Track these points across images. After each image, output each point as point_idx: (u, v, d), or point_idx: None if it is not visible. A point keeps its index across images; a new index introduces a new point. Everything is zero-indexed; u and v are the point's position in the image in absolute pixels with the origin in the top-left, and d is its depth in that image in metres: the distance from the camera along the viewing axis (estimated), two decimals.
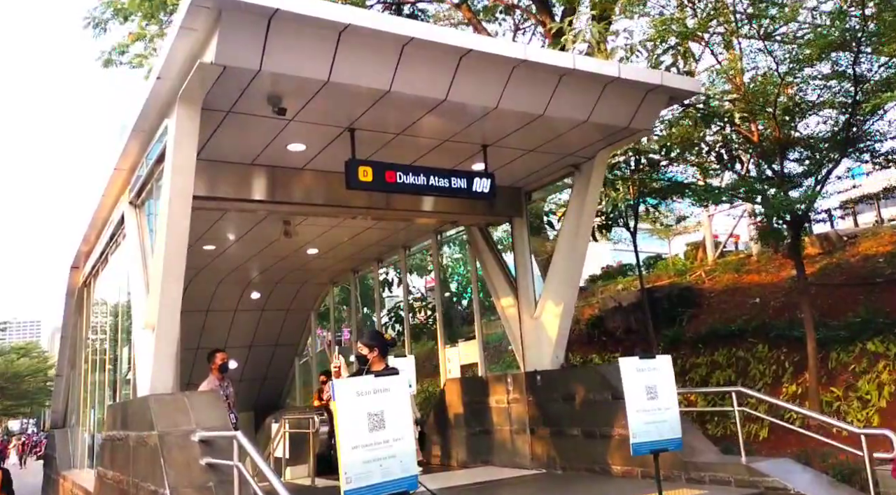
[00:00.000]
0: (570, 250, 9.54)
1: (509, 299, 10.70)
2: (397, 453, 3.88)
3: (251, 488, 5.08)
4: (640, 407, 4.57)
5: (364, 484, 3.73)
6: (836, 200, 10.06)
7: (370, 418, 3.83)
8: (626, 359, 4.66)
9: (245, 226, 11.49)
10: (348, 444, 3.71)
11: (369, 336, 5.20)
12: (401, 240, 13.64)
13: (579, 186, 9.51)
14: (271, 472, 4.40)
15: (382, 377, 3.93)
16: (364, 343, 5.08)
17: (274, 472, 4.40)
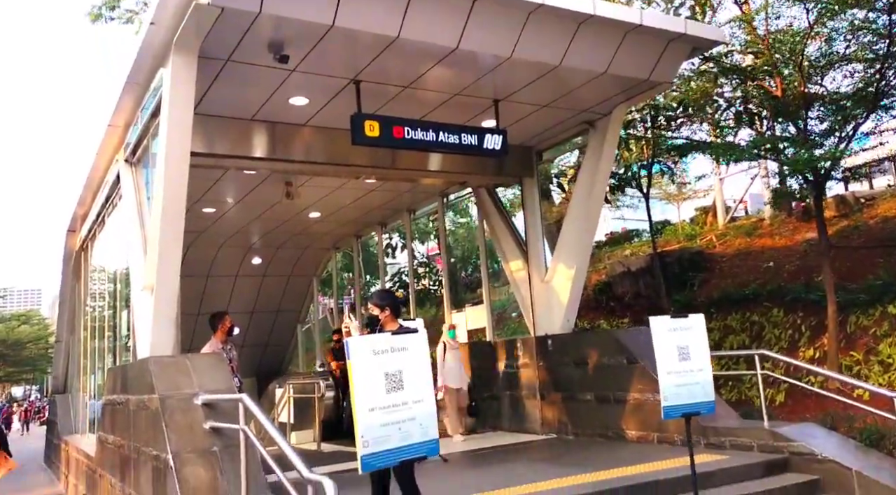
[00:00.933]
0: (584, 211, 9.20)
1: (518, 263, 10.40)
2: (417, 416, 3.60)
3: (257, 452, 4.83)
4: (672, 369, 4.29)
5: (382, 448, 3.45)
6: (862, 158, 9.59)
7: (388, 378, 3.53)
8: (658, 318, 4.37)
9: (245, 188, 11.13)
10: (365, 406, 3.42)
11: (380, 295, 4.87)
12: (405, 204, 13.29)
13: (594, 144, 9.13)
14: (279, 434, 4.13)
15: (400, 335, 3.63)
16: (375, 302, 4.75)
17: (281, 435, 4.12)
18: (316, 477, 3.63)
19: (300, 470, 3.77)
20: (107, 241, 11.32)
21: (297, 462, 3.83)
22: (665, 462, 6.44)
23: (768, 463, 6.32)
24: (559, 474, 6.18)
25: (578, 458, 7.24)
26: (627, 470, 6.19)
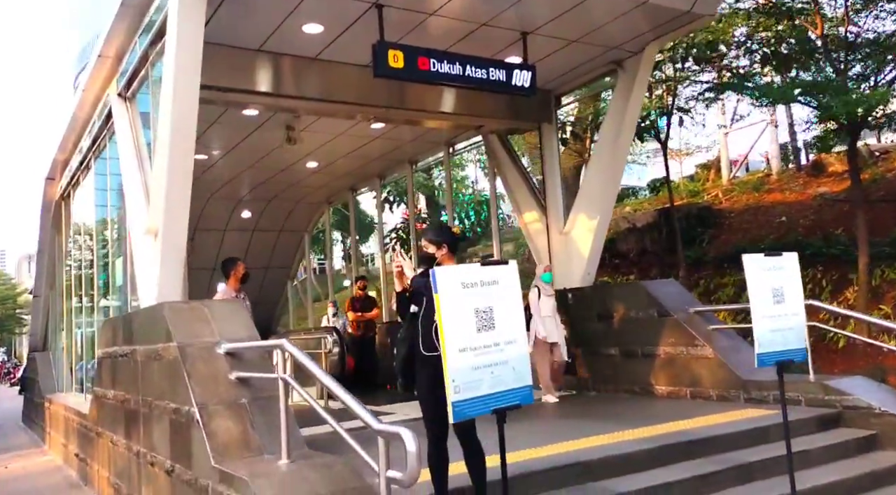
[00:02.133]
0: (609, 158, 8.74)
1: (534, 213, 9.94)
2: (510, 359, 3.14)
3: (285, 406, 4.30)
4: (766, 313, 3.89)
5: (473, 394, 2.99)
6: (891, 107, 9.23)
7: (478, 316, 3.06)
8: (751, 255, 3.95)
9: (243, 131, 10.42)
10: (455, 346, 2.95)
11: (436, 230, 4.30)
12: (407, 154, 12.68)
13: (622, 87, 8.62)
14: (338, 386, 3.64)
15: (490, 266, 3.14)
16: (430, 239, 4.20)
17: (342, 387, 3.64)
18: (390, 428, 3.18)
19: (369, 422, 3.31)
20: (94, 187, 10.57)
21: (363, 413, 3.37)
22: (709, 417, 6.13)
23: (821, 418, 6.03)
24: (597, 430, 5.80)
25: (610, 414, 6.90)
26: (673, 426, 5.84)
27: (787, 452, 4.20)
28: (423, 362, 4.02)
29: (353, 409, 3.38)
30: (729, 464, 5.07)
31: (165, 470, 5.31)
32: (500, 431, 3.16)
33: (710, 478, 4.91)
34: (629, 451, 5.05)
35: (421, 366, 4.03)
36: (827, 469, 5.35)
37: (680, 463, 5.13)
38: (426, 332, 3.99)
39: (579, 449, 5.19)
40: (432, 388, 4.17)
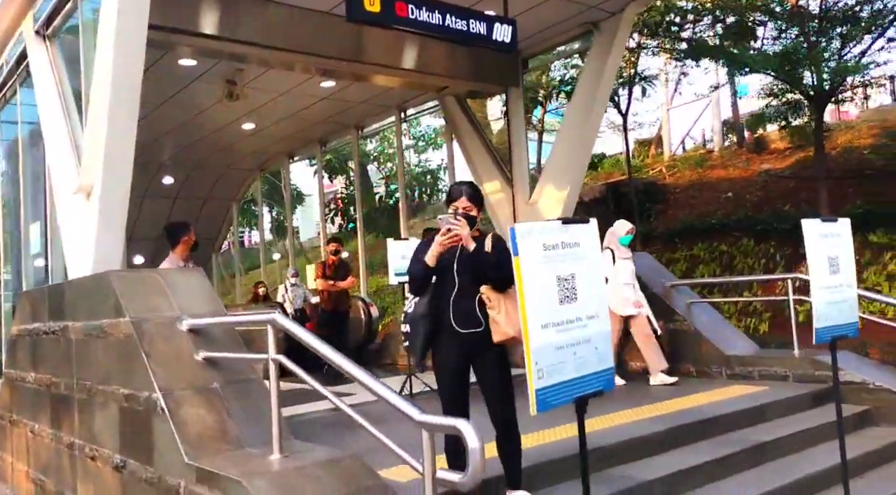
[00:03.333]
0: (582, 125, 8.34)
1: (496, 183, 9.45)
2: (592, 337, 2.63)
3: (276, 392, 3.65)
4: (824, 284, 3.57)
5: (557, 379, 2.48)
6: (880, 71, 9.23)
7: (560, 285, 2.52)
8: (810, 220, 3.62)
9: (177, 84, 9.37)
10: (536, 321, 2.41)
11: (475, 186, 3.75)
12: (354, 118, 11.90)
13: (598, 50, 8.20)
14: (365, 372, 3.04)
15: (573, 224, 2.61)
16: (471, 197, 3.64)
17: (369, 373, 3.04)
18: (442, 419, 2.62)
19: (410, 413, 2.74)
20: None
21: (403, 405, 2.79)
22: (703, 395, 5.90)
23: (815, 394, 5.90)
24: (595, 411, 5.40)
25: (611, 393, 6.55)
26: (674, 405, 5.56)
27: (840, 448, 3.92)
28: (452, 339, 3.55)
29: (392, 400, 2.79)
30: (742, 446, 4.82)
31: (113, 465, 4.52)
32: (581, 423, 2.67)
33: (727, 461, 4.64)
34: (644, 434, 4.69)
35: (449, 342, 3.58)
36: (833, 447, 5.20)
37: (692, 444, 4.84)
38: (459, 307, 3.55)
39: (591, 433, 4.78)
40: (463, 370, 3.67)
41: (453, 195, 3.66)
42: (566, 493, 3.98)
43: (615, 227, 7.03)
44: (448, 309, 3.57)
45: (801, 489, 4.53)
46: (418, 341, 3.66)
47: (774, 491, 4.37)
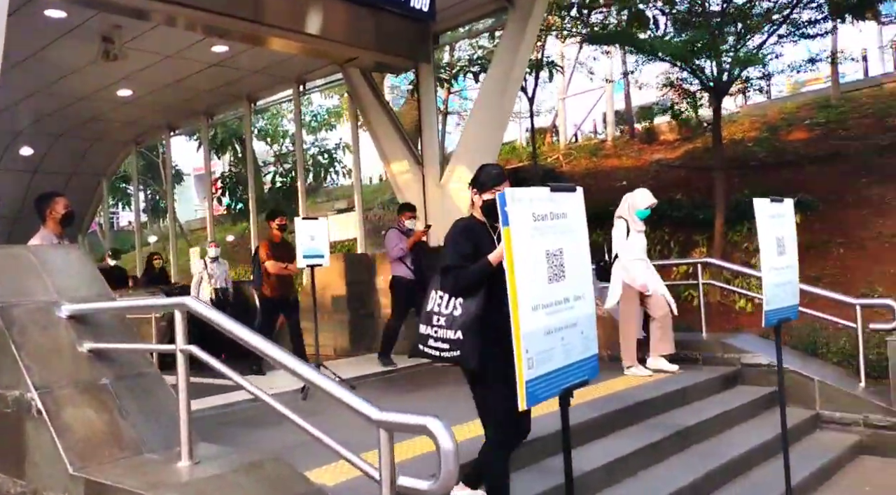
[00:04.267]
0: (496, 105, 8.13)
1: (404, 163, 9.08)
2: (579, 320, 2.34)
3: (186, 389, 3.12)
4: (773, 265, 3.50)
5: (546, 369, 2.16)
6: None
7: (549, 261, 2.20)
8: (760, 200, 3.52)
9: (42, 38, 8.23)
10: (528, 302, 2.08)
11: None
12: (248, 89, 11.07)
13: (512, 28, 7.99)
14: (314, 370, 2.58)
15: (560, 192, 2.29)
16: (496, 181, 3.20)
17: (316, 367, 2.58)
18: (408, 418, 2.25)
19: (366, 412, 2.34)
20: None
21: (356, 402, 2.39)
22: (621, 380, 5.85)
23: (725, 377, 6.02)
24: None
25: None
26: (598, 391, 5.44)
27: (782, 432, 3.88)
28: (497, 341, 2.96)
29: (343, 398, 2.38)
30: (670, 430, 4.77)
31: None
32: (565, 420, 2.38)
33: (658, 446, 4.56)
34: (580, 421, 4.50)
35: (494, 346, 3.01)
36: (747, 428, 5.31)
37: (624, 429, 4.75)
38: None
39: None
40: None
41: (495, 179, 3.16)
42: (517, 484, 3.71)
43: (634, 197, 6.22)
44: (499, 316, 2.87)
45: (726, 472, 4.53)
46: (476, 350, 3.06)
47: (706, 476, 4.33)
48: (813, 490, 4.73)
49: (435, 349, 3.12)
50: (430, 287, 3.21)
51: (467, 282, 3.05)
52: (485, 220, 3.22)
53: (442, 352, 3.09)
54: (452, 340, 3.05)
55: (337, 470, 3.68)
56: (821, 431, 5.65)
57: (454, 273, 3.06)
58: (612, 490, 4.08)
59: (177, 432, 3.09)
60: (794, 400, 5.72)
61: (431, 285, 3.21)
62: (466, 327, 3.04)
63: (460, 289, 3.06)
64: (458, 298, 3.07)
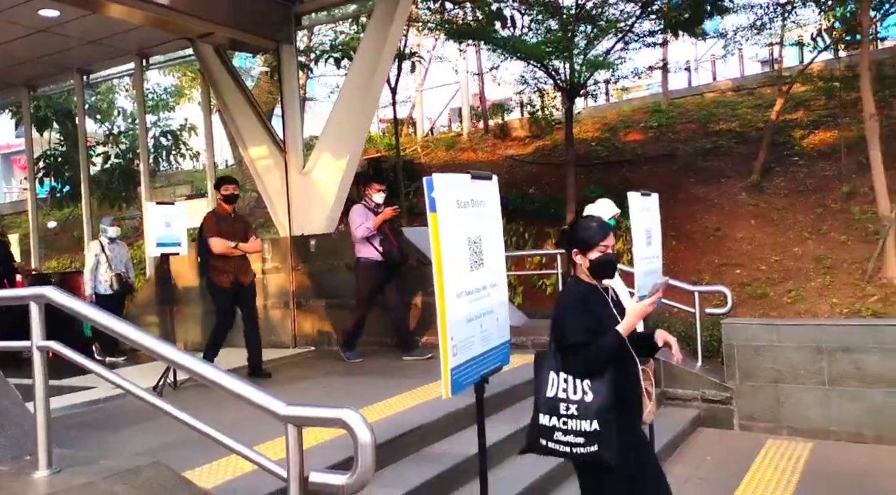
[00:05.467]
0: (363, 91, 7.98)
1: (263, 148, 8.67)
2: (495, 307, 2.36)
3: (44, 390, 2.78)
4: (642, 254, 3.74)
5: (467, 356, 2.16)
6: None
7: (471, 248, 2.20)
8: (633, 193, 3.75)
9: None
10: (452, 289, 2.07)
11: None
12: (79, 60, 9.98)
13: (381, 14, 7.86)
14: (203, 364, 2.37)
15: (480, 179, 2.28)
16: None
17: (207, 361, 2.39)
18: (322, 411, 2.16)
19: (272, 407, 2.22)
20: None
21: (257, 396, 2.26)
22: None
23: None
24: (394, 389, 5.22)
25: (390, 369, 6.36)
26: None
27: None
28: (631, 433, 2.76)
29: (242, 392, 2.22)
30: None
31: None
32: (480, 407, 2.39)
33: None
34: (451, 410, 4.57)
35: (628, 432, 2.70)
36: None
37: (496, 414, 4.85)
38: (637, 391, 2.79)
39: (401, 413, 4.56)
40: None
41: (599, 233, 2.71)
42: (393, 479, 3.69)
43: (598, 208, 5.48)
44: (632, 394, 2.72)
45: None
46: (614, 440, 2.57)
47: None
48: (663, 462, 5.16)
49: (565, 444, 2.61)
50: (542, 366, 2.70)
51: (600, 361, 2.58)
52: (594, 282, 2.76)
53: (574, 447, 2.58)
54: (589, 433, 2.53)
55: (223, 468, 3.46)
56: (665, 407, 6.16)
57: (584, 354, 2.60)
58: (493, 473, 4.19)
59: (28, 439, 2.75)
60: None
61: (544, 365, 2.69)
62: (602, 415, 2.55)
63: (594, 370, 2.60)
64: (584, 380, 2.61)
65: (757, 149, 11.14)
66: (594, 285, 2.75)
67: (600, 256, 2.68)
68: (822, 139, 11.43)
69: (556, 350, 2.66)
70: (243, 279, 6.07)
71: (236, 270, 5.99)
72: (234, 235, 5.98)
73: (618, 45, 9.53)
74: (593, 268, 2.70)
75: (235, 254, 5.95)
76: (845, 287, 7.93)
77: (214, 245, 5.83)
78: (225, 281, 5.93)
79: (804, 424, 5.65)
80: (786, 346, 5.79)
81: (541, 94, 10.10)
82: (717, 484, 4.74)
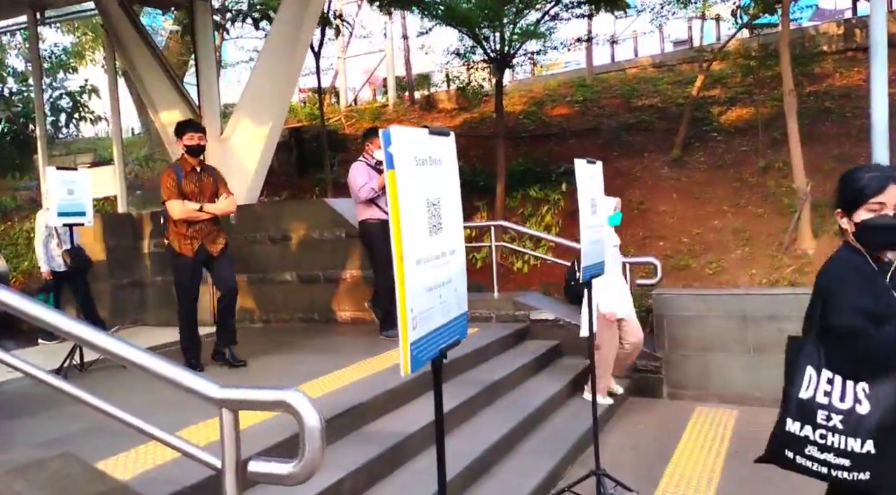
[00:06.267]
0: (286, 54, 7.55)
1: (175, 113, 8.10)
2: (453, 276, 2.16)
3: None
4: (588, 224, 3.63)
5: (426, 329, 1.96)
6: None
7: (430, 210, 1.99)
8: (580, 160, 3.62)
9: None
10: (412, 256, 1.86)
11: None
12: None
13: None
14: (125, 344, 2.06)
15: (437, 136, 2.06)
16: None
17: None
18: (261, 394, 1.92)
19: (205, 391, 1.96)
20: None
21: (186, 378, 1.99)
22: None
23: (516, 333, 6.31)
24: (327, 366, 4.97)
25: (320, 346, 6.08)
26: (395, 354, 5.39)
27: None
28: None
29: (170, 375, 1.95)
30: (479, 387, 4.87)
31: None
32: (438, 382, 2.21)
33: (471, 403, 4.64)
34: (392, 387, 4.38)
35: None
36: (542, 379, 5.64)
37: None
38: None
39: (339, 390, 4.34)
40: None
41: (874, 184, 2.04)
42: (335, 459, 3.47)
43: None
44: None
45: (532, 421, 4.77)
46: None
47: (516, 427, 4.50)
48: (601, 431, 5.17)
49: (820, 463, 1.99)
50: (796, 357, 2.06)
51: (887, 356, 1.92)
52: (864, 252, 2.08)
53: (836, 470, 1.96)
54: (858, 456, 1.91)
55: (143, 457, 3.15)
56: None
57: (863, 343, 1.94)
58: (432, 450, 4.05)
59: None
60: (573, 351, 6.20)
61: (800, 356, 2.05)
62: (882, 434, 1.91)
63: (877, 369, 1.94)
64: (858, 382, 1.95)
65: (677, 124, 11.37)
66: (865, 255, 2.07)
67: (870, 217, 2.03)
68: (739, 115, 11.80)
69: (818, 338, 2.03)
70: (211, 247, 5.04)
71: (202, 236, 4.97)
72: (202, 194, 4.94)
73: (546, 16, 9.42)
74: (861, 232, 2.06)
75: (202, 218, 4.92)
76: (763, 258, 8.21)
77: (173, 208, 4.80)
78: (187, 248, 4.90)
79: (731, 391, 5.80)
80: (713, 316, 5.92)
81: (469, 66, 9.90)
82: (652, 452, 4.78)
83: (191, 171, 4.94)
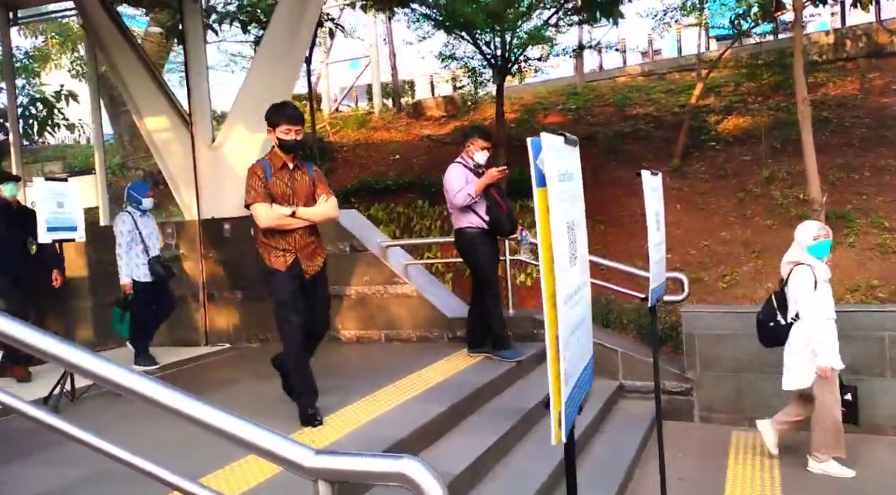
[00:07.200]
0: (282, 55, 7.13)
1: (163, 119, 7.62)
2: (585, 315, 1.78)
3: None
4: (654, 241, 3.26)
5: (573, 381, 1.58)
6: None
7: (569, 236, 1.62)
8: (645, 172, 3.27)
9: None
10: (563, 292, 1.49)
11: None
12: None
13: None
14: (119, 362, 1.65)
15: (570, 144, 1.69)
16: None
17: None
18: (377, 464, 1.53)
19: (291, 457, 1.56)
20: None
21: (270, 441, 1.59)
22: (443, 363, 5.47)
23: (537, 355, 5.94)
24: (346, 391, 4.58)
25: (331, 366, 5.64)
26: (424, 379, 4.99)
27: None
28: None
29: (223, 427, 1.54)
30: (514, 417, 4.49)
31: None
32: (570, 459, 1.83)
33: (508, 436, 4.26)
34: (430, 418, 3.99)
35: None
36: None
37: (469, 419, 4.37)
38: None
39: (375, 421, 3.93)
40: None
41: None
42: None
43: (801, 232, 4.48)
44: None
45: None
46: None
47: (560, 461, 4.12)
48: (636, 460, 4.83)
49: None
50: None
51: None
52: None
53: None
54: None
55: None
56: (624, 400, 5.86)
57: None
58: (476, 491, 3.67)
59: None
60: (600, 372, 5.86)
61: None
62: None
63: None
64: None
65: (674, 133, 11.19)
66: None
67: None
68: (736, 124, 11.66)
69: None
70: (307, 265, 3.99)
71: (297, 249, 3.95)
72: (295, 196, 3.93)
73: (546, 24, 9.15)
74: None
75: (295, 226, 3.91)
76: (777, 271, 7.97)
77: (258, 213, 3.83)
78: (279, 262, 3.91)
79: (768, 414, 5.50)
80: (746, 335, 5.62)
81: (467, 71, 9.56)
82: (703, 484, 4.46)
83: (282, 168, 3.93)
